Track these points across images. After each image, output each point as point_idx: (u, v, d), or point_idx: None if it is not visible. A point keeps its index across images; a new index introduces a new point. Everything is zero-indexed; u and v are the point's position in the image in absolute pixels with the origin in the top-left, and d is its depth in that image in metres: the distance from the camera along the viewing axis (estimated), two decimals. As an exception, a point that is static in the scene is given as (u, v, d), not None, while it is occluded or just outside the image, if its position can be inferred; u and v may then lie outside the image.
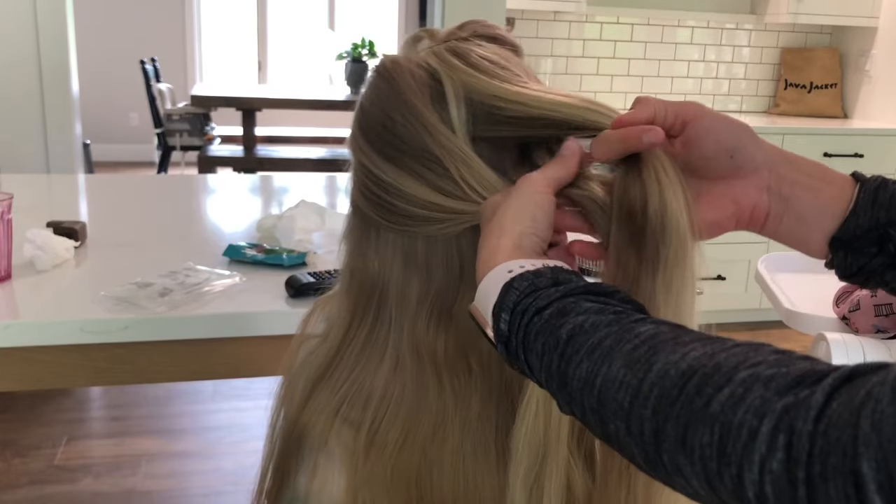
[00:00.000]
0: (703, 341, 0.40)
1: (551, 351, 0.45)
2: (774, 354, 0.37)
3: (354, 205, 0.63)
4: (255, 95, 4.60)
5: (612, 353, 0.42)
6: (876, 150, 3.45)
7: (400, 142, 0.57)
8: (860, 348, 1.43)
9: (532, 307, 0.47)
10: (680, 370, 0.38)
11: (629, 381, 0.40)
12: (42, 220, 1.35)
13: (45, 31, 2.72)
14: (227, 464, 2.34)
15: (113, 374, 1.13)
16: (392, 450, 0.59)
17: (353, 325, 0.63)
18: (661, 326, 0.42)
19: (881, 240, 0.53)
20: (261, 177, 3.02)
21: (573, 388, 0.43)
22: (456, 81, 0.57)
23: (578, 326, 0.44)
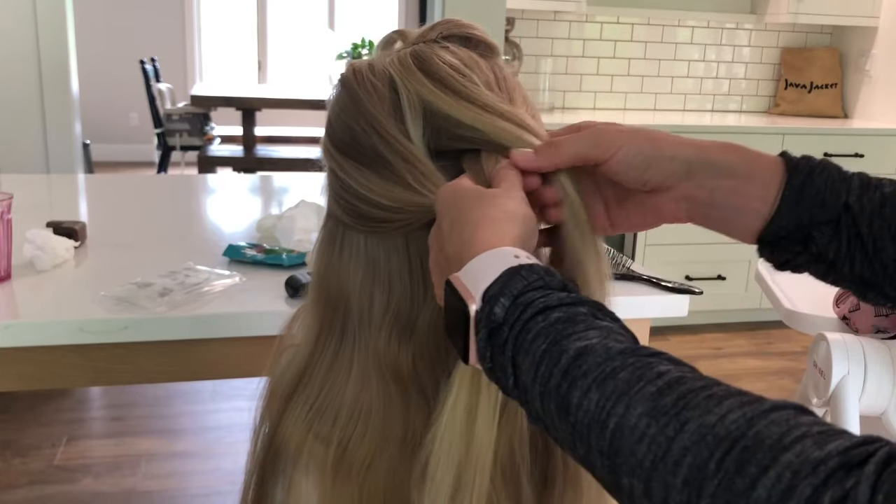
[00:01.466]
0: (738, 398, 0.36)
1: (552, 362, 0.41)
2: (816, 426, 0.34)
3: (328, 211, 0.64)
4: (255, 95, 4.60)
5: (631, 392, 0.38)
6: (876, 150, 3.45)
7: (362, 148, 0.58)
8: (860, 348, 1.43)
9: (538, 303, 0.43)
10: (718, 437, 0.34)
11: (654, 435, 0.36)
12: (42, 220, 1.35)
13: (45, 30, 2.72)
14: (227, 464, 2.34)
15: (113, 374, 1.13)
16: (359, 469, 0.58)
17: (321, 337, 0.62)
18: (682, 368, 0.39)
19: (805, 240, 0.54)
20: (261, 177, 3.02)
21: (578, 419, 0.39)
22: (412, 94, 0.56)
23: (590, 346, 0.40)
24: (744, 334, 3.46)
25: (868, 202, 0.53)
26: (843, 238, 0.53)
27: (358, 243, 0.60)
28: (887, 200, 0.54)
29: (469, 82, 0.57)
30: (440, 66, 0.58)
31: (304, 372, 0.62)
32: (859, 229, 0.53)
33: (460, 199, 0.51)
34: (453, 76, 0.57)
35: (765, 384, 3.00)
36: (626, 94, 3.80)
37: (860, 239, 0.53)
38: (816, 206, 0.53)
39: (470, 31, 0.62)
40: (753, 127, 3.43)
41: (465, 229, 0.49)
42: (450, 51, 0.59)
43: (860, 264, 0.54)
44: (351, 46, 4.66)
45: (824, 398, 1.47)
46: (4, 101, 2.74)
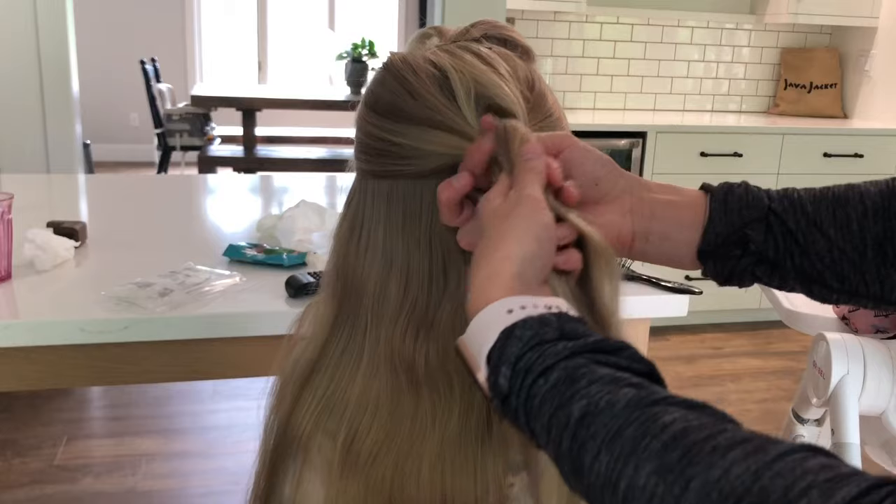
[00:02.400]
0: (742, 447, 0.36)
1: (560, 428, 0.41)
2: (823, 472, 0.34)
3: (350, 190, 0.63)
4: (255, 95, 4.60)
5: (638, 451, 0.38)
6: (876, 150, 3.46)
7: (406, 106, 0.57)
8: (860, 348, 1.43)
9: (537, 366, 0.43)
10: (723, 494, 0.34)
11: (663, 495, 0.36)
12: (42, 220, 1.36)
13: (45, 31, 2.72)
14: (227, 464, 2.34)
15: (113, 374, 1.13)
16: (365, 462, 0.58)
17: (335, 329, 0.62)
18: (688, 415, 0.39)
19: (742, 241, 0.58)
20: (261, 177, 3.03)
21: (591, 481, 0.40)
22: (466, 77, 0.56)
23: (593, 404, 0.41)
24: (744, 334, 3.46)
25: (789, 203, 0.58)
26: (777, 234, 0.58)
27: (377, 234, 0.60)
28: (805, 199, 0.58)
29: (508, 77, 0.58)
30: (488, 54, 0.58)
31: (316, 362, 0.62)
32: (788, 226, 0.57)
33: (486, 217, 0.52)
34: (501, 64, 0.58)
35: (765, 384, 3.00)
36: (626, 94, 3.80)
37: (792, 234, 0.57)
38: (743, 208, 0.58)
39: (508, 33, 0.63)
40: (753, 127, 3.43)
41: (476, 270, 0.50)
42: (494, 50, 0.60)
43: (799, 258, 0.58)
44: (351, 46, 4.65)
45: (824, 398, 1.47)
46: (5, 101, 2.74)
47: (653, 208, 0.59)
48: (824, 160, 3.40)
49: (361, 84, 4.66)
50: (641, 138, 3.26)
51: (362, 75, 4.63)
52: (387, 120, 0.58)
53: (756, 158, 3.33)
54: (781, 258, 0.58)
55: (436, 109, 0.56)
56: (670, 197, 0.60)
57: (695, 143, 3.30)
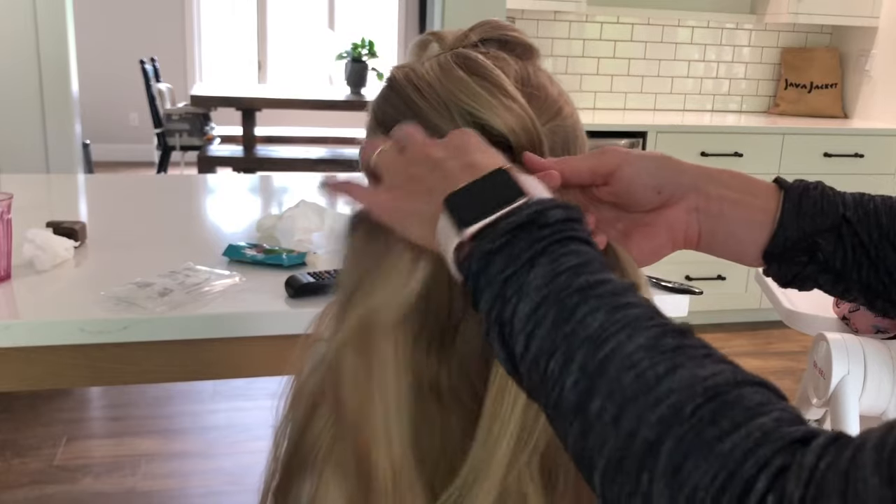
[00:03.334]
0: (732, 366, 0.37)
1: (573, 276, 0.41)
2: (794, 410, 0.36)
3: None
4: (255, 95, 4.60)
5: (637, 325, 0.38)
6: (876, 150, 3.45)
7: None
8: (860, 348, 1.43)
9: (585, 234, 0.44)
10: (704, 388, 0.35)
11: (645, 368, 0.37)
12: (42, 220, 1.35)
13: (45, 31, 2.72)
14: (227, 464, 2.34)
15: (113, 374, 1.13)
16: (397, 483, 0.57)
17: None
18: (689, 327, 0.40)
19: (810, 249, 0.56)
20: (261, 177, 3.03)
21: (573, 330, 0.39)
22: (462, 102, 0.55)
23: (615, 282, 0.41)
24: (744, 334, 3.46)
25: (864, 213, 0.56)
26: (847, 245, 0.55)
27: (395, 247, 0.58)
28: (881, 210, 0.56)
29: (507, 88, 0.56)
30: (483, 65, 0.57)
31: None
32: (860, 238, 0.55)
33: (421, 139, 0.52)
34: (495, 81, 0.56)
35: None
36: (626, 94, 3.80)
37: (863, 247, 0.55)
38: (817, 214, 0.55)
39: (509, 33, 0.61)
40: (753, 127, 3.43)
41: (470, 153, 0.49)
42: (489, 56, 0.59)
43: (866, 272, 0.56)
44: (351, 46, 4.65)
45: (824, 398, 1.47)
46: (4, 101, 2.74)
47: (721, 207, 0.57)
48: (824, 160, 3.40)
49: (361, 84, 4.66)
50: (641, 138, 3.26)
51: (362, 75, 4.63)
52: None
53: (756, 158, 3.33)
54: (849, 270, 0.56)
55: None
56: (739, 196, 0.57)
57: (695, 143, 3.30)
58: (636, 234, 0.59)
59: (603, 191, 0.58)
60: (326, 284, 1.17)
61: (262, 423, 2.53)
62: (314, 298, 1.16)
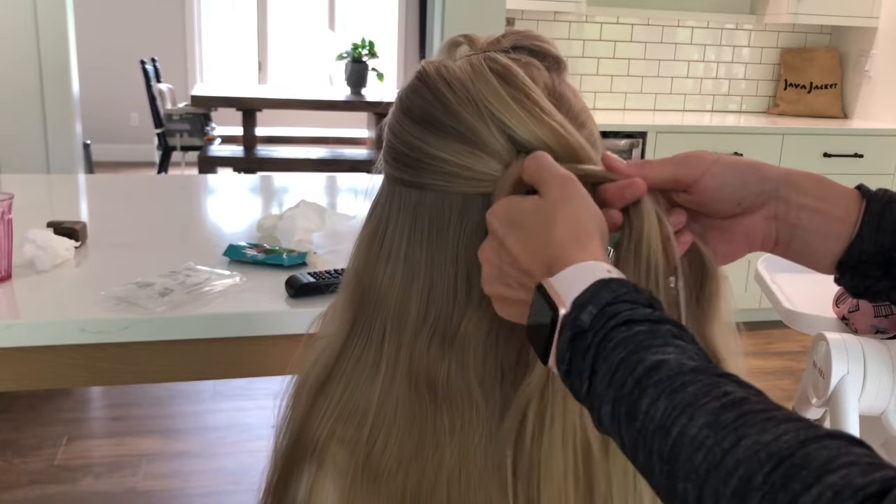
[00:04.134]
0: (795, 423, 0.38)
1: (627, 370, 0.43)
2: (866, 457, 0.35)
3: (375, 199, 0.62)
4: (256, 95, 4.60)
5: (696, 405, 0.40)
6: (876, 150, 3.46)
7: (444, 120, 0.57)
8: (860, 349, 1.43)
9: (624, 315, 0.45)
10: (769, 454, 0.36)
11: (711, 446, 0.38)
12: (42, 220, 1.36)
13: (45, 31, 2.72)
14: (227, 464, 2.35)
15: (113, 374, 1.13)
16: (386, 476, 0.58)
17: (351, 336, 0.61)
18: (748, 391, 0.41)
19: (886, 264, 0.55)
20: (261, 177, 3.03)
21: (644, 425, 0.41)
22: (487, 101, 0.56)
23: (665, 360, 0.42)
24: (744, 334, 3.44)
25: None
26: None
27: (401, 243, 0.59)
28: None
29: (536, 97, 0.57)
30: (514, 75, 0.57)
31: (332, 369, 0.62)
32: None
33: (528, 217, 0.52)
34: (525, 88, 0.57)
35: (765, 384, 3.00)
36: (625, 95, 3.80)
37: None
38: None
39: (539, 43, 0.62)
40: (753, 127, 3.43)
41: (553, 247, 0.50)
42: (520, 63, 0.59)
43: None
44: (351, 47, 4.65)
45: (824, 398, 1.47)
46: (5, 100, 2.74)
47: (799, 216, 0.56)
48: (824, 160, 3.40)
49: (361, 84, 4.66)
50: (641, 138, 3.26)
51: (362, 75, 4.63)
52: (425, 131, 0.57)
53: (756, 158, 3.32)
54: None
55: (470, 128, 0.56)
56: (819, 204, 0.56)
57: (695, 143, 3.30)
58: (711, 237, 0.59)
59: (682, 197, 0.58)
60: (327, 284, 1.17)
61: (263, 423, 2.53)
62: (314, 298, 1.16)
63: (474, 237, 0.57)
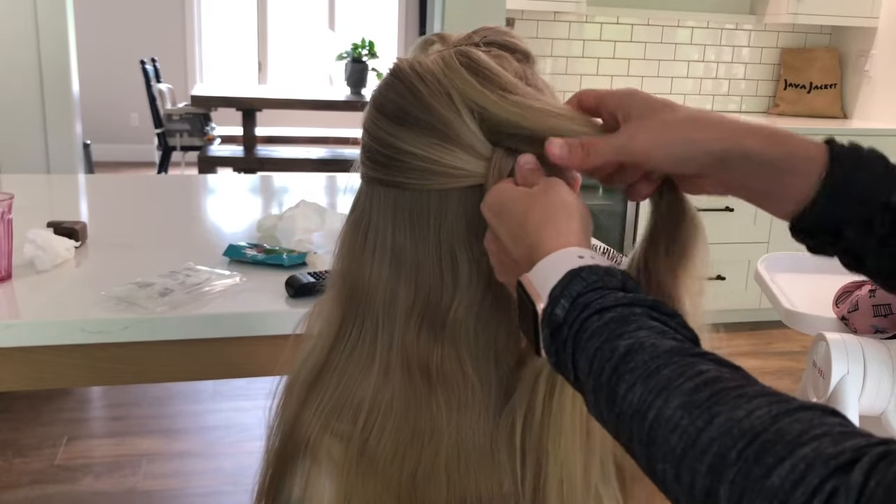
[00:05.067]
0: (768, 397, 0.39)
1: (604, 360, 0.44)
2: (839, 426, 0.36)
3: (357, 194, 0.63)
4: (255, 95, 4.60)
5: (670, 387, 0.41)
6: (876, 150, 3.45)
7: (411, 117, 0.57)
8: (859, 348, 1.43)
9: (595, 304, 0.46)
10: (742, 430, 0.37)
11: (686, 426, 0.39)
12: (42, 220, 1.36)
13: (45, 31, 2.72)
14: (227, 464, 2.35)
15: (113, 374, 1.13)
16: (382, 463, 0.58)
17: (342, 331, 0.62)
18: (722, 369, 0.41)
19: (836, 234, 0.52)
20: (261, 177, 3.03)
21: (622, 410, 0.43)
22: (461, 91, 0.57)
23: (639, 344, 0.43)
24: (744, 334, 3.46)
25: None
26: (876, 236, 0.52)
27: (385, 233, 0.60)
28: None
29: (508, 82, 0.58)
30: (485, 64, 0.58)
31: (323, 366, 0.62)
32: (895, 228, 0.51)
33: (510, 204, 0.54)
34: (497, 76, 0.58)
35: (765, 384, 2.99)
36: (626, 95, 3.79)
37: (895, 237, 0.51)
38: (854, 202, 0.51)
39: (509, 38, 0.63)
40: (753, 127, 3.43)
41: (529, 234, 0.52)
42: (491, 55, 0.60)
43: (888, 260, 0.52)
44: (351, 46, 4.65)
45: (824, 398, 1.47)
46: (5, 101, 2.74)
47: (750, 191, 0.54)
48: (824, 160, 3.39)
49: (361, 84, 4.66)
50: (641, 138, 3.26)
51: (362, 75, 4.63)
52: (398, 126, 0.58)
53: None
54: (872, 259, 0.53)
55: (443, 121, 0.56)
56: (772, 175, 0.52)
57: (695, 144, 3.30)
58: None
59: None
60: (327, 284, 1.17)
61: (262, 423, 2.51)
62: (314, 298, 1.16)
63: (454, 227, 0.58)
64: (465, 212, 0.58)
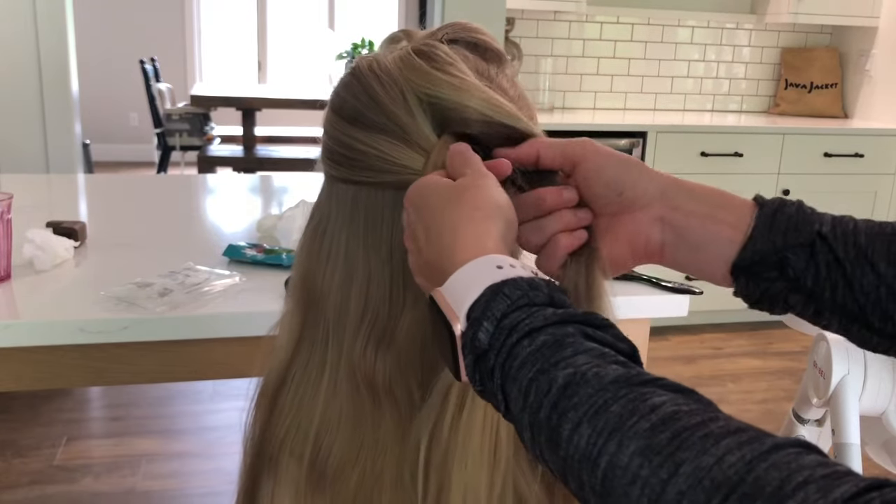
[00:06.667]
0: (736, 435, 0.34)
1: (541, 394, 0.39)
2: (820, 468, 0.32)
3: (318, 196, 0.63)
4: (255, 95, 4.60)
5: (623, 428, 0.36)
6: (876, 150, 3.45)
7: (364, 116, 0.57)
8: (860, 349, 1.43)
9: (524, 326, 0.41)
10: (716, 482, 0.32)
11: (647, 477, 0.34)
12: (42, 220, 1.35)
13: (45, 31, 2.72)
14: (227, 464, 2.34)
15: (112, 374, 1.13)
16: (331, 479, 0.58)
17: (300, 342, 0.61)
18: (677, 398, 0.37)
19: (780, 264, 0.53)
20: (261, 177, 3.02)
21: (568, 454, 0.38)
22: (414, 85, 0.56)
23: (580, 374, 0.38)
24: (744, 334, 3.46)
25: (841, 231, 0.53)
26: (821, 262, 0.52)
27: (340, 241, 0.59)
28: (860, 228, 0.53)
29: (461, 72, 0.57)
30: (444, 57, 0.57)
31: (284, 376, 0.62)
32: (836, 255, 0.52)
33: (430, 197, 0.50)
34: (453, 65, 0.57)
35: (765, 384, 3.00)
36: (626, 94, 3.80)
37: (839, 263, 0.52)
38: (790, 229, 0.53)
39: (476, 35, 0.62)
40: (753, 127, 3.43)
41: (444, 234, 0.47)
42: (454, 49, 0.59)
43: (841, 291, 0.52)
44: (351, 46, 4.66)
45: (824, 398, 1.47)
46: (4, 100, 2.74)
47: (688, 220, 0.55)
48: (824, 160, 3.40)
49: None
50: (642, 138, 3.26)
51: (362, 75, 4.63)
52: (351, 126, 0.58)
53: (756, 158, 3.33)
54: (821, 288, 0.53)
55: (396, 121, 0.56)
56: (710, 210, 0.55)
57: (695, 143, 3.30)
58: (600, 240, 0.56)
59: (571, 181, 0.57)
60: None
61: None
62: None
63: None
64: None
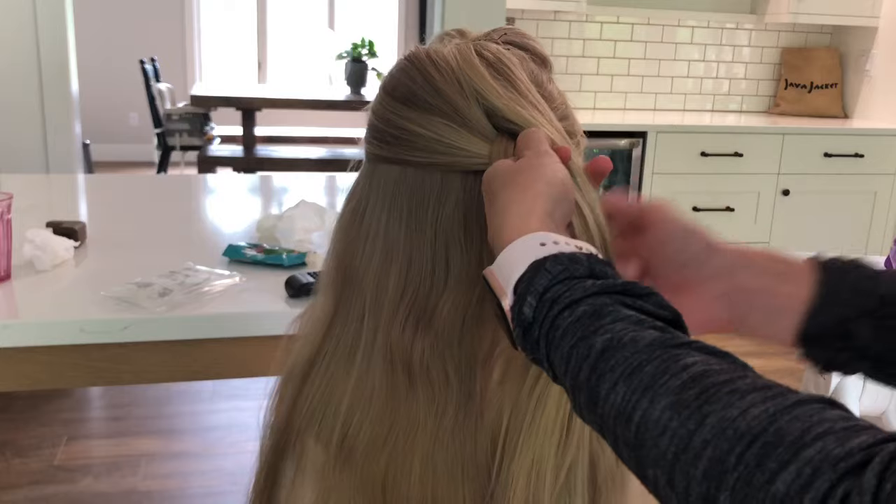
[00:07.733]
0: (762, 391, 0.36)
1: (581, 359, 0.42)
2: (841, 421, 0.34)
3: (356, 178, 0.63)
4: (255, 95, 4.60)
5: (655, 385, 0.38)
6: (876, 150, 3.45)
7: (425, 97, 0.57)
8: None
9: (564, 298, 0.44)
10: (739, 432, 0.35)
11: (676, 428, 0.37)
12: (42, 220, 1.35)
13: (45, 31, 2.72)
14: (227, 464, 2.34)
15: (113, 374, 1.13)
16: (360, 457, 0.58)
17: (333, 322, 0.61)
18: (710, 359, 0.39)
19: (844, 335, 0.54)
20: (261, 177, 3.02)
21: (605, 412, 0.40)
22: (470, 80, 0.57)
23: (616, 339, 0.41)
24: (744, 334, 3.45)
25: None
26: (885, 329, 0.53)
27: (380, 222, 0.59)
28: None
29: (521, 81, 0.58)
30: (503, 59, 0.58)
31: (313, 359, 0.62)
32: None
33: (492, 182, 0.53)
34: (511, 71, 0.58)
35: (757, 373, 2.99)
36: (626, 94, 3.79)
37: None
38: (853, 297, 0.53)
39: (528, 41, 0.63)
40: (753, 127, 3.43)
41: (496, 216, 0.51)
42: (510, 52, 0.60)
43: None
44: (351, 46, 4.65)
45: (824, 398, 1.46)
46: (4, 100, 2.74)
47: (751, 299, 0.56)
48: (825, 160, 3.40)
49: (361, 84, 4.65)
50: (642, 138, 3.26)
51: (362, 75, 4.63)
52: (404, 107, 0.58)
53: (756, 158, 3.33)
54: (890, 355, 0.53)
55: (454, 105, 0.56)
56: (772, 284, 0.55)
57: (695, 143, 3.30)
58: None
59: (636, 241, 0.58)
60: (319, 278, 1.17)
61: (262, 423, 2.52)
62: (314, 298, 1.16)
63: (452, 218, 0.57)
64: (464, 200, 0.57)
